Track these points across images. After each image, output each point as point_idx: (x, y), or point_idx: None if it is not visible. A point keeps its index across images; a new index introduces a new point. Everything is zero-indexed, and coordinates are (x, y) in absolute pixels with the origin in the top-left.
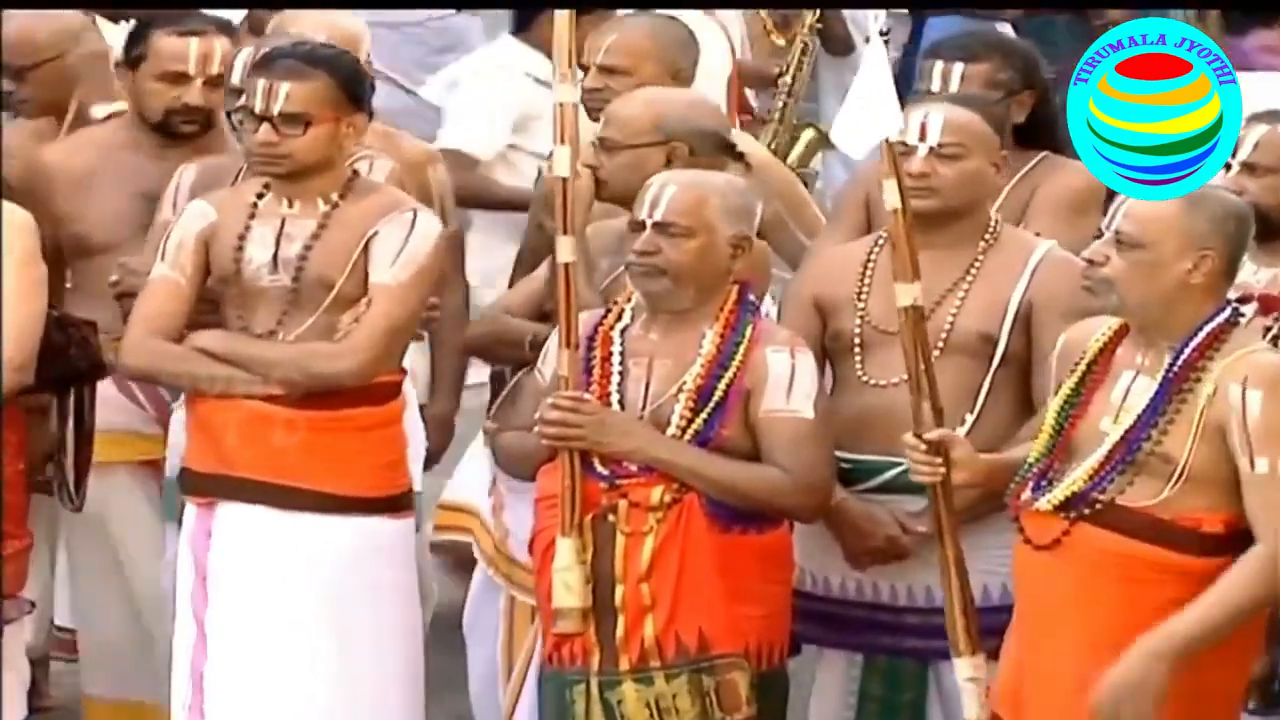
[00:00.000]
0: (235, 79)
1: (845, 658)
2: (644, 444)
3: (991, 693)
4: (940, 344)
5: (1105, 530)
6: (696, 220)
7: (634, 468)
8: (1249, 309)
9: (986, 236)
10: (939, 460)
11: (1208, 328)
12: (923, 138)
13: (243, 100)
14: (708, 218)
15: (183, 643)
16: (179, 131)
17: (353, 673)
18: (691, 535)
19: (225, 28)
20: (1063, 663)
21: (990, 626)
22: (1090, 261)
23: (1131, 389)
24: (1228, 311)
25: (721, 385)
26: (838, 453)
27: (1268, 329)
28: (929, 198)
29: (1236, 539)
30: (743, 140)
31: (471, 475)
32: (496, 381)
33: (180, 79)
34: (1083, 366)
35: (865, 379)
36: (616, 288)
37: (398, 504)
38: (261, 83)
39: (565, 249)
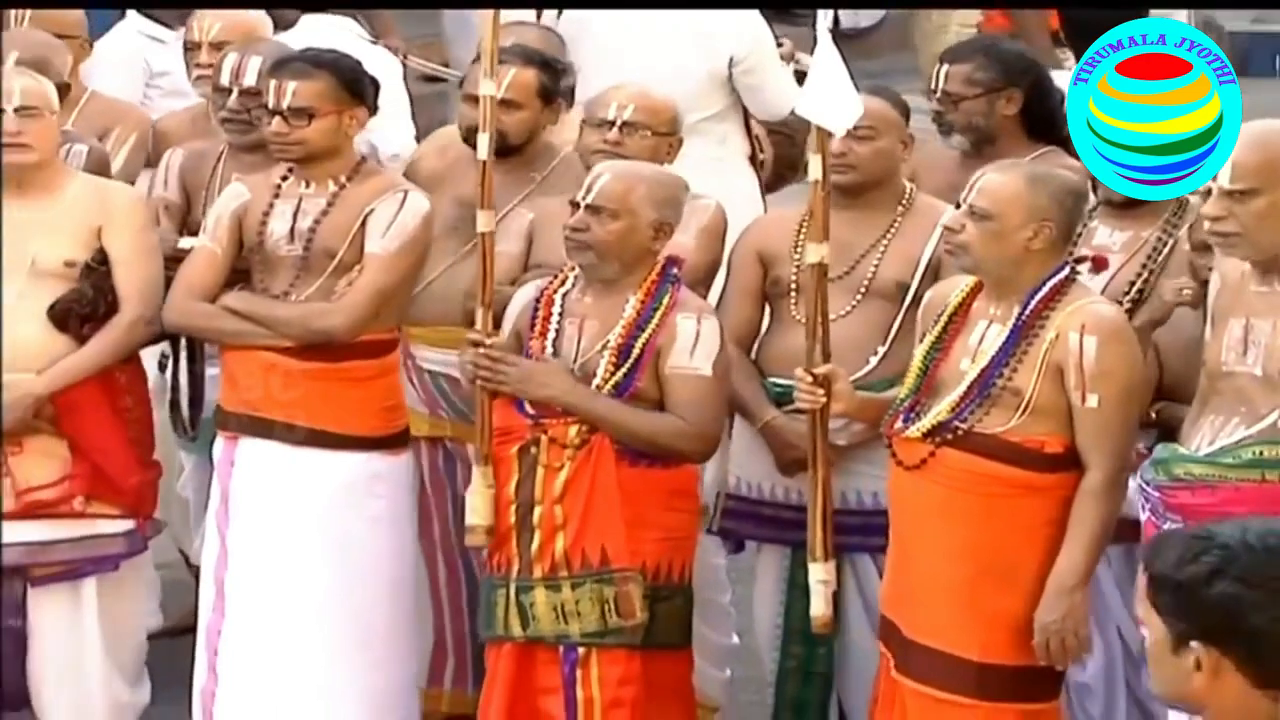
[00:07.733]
0: (223, 80)
1: (778, 551)
2: (558, 393)
3: (880, 593)
4: (863, 290)
5: (965, 453)
6: (622, 205)
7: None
8: (1084, 267)
9: (903, 202)
10: (821, 392)
11: (1050, 283)
12: None
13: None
14: (632, 203)
15: (209, 554)
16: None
17: (346, 583)
18: (601, 467)
19: None
20: (932, 567)
21: (861, 526)
22: (950, 229)
23: (986, 335)
24: (1066, 269)
25: (639, 344)
26: (773, 379)
27: (1132, 283)
28: (847, 173)
29: (1071, 458)
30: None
31: None
32: None
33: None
34: (945, 317)
35: (797, 318)
36: None
37: (392, 442)
38: (274, 82)
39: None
